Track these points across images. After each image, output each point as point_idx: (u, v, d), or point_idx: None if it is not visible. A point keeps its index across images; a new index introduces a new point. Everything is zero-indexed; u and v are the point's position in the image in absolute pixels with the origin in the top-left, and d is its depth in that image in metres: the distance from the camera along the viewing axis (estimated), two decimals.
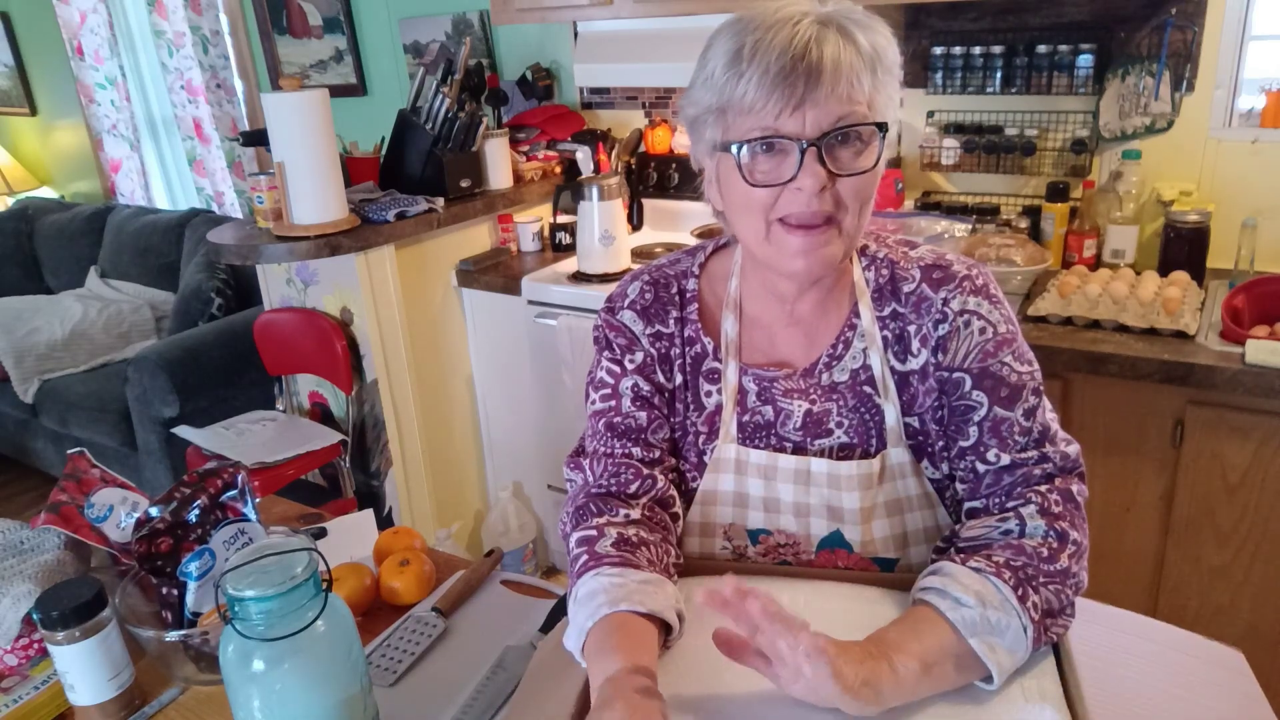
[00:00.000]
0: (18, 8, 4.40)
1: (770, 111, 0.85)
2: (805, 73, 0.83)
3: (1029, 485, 0.89)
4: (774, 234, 0.90)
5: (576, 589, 0.87)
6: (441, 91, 2.45)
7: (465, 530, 2.79)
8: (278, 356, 2.61)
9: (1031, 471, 0.89)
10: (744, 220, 0.92)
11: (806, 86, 0.83)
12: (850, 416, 0.96)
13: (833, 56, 0.83)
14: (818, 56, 0.83)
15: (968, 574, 0.82)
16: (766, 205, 0.89)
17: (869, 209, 0.91)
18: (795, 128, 0.85)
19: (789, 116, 0.85)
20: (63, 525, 1.14)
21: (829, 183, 0.86)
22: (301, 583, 0.77)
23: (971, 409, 0.92)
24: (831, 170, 0.86)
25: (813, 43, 0.83)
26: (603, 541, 0.89)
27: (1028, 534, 0.85)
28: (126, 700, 0.99)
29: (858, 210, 0.89)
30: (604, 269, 2.36)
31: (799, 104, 0.84)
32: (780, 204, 0.88)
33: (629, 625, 0.81)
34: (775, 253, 0.91)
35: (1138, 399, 1.70)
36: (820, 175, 0.85)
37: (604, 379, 1.02)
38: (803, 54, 0.83)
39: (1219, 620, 1.74)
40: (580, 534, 0.92)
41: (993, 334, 0.92)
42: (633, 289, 1.03)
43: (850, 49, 0.84)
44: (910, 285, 0.95)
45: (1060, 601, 0.83)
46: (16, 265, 4.11)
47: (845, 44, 0.84)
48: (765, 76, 0.83)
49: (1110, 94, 2.06)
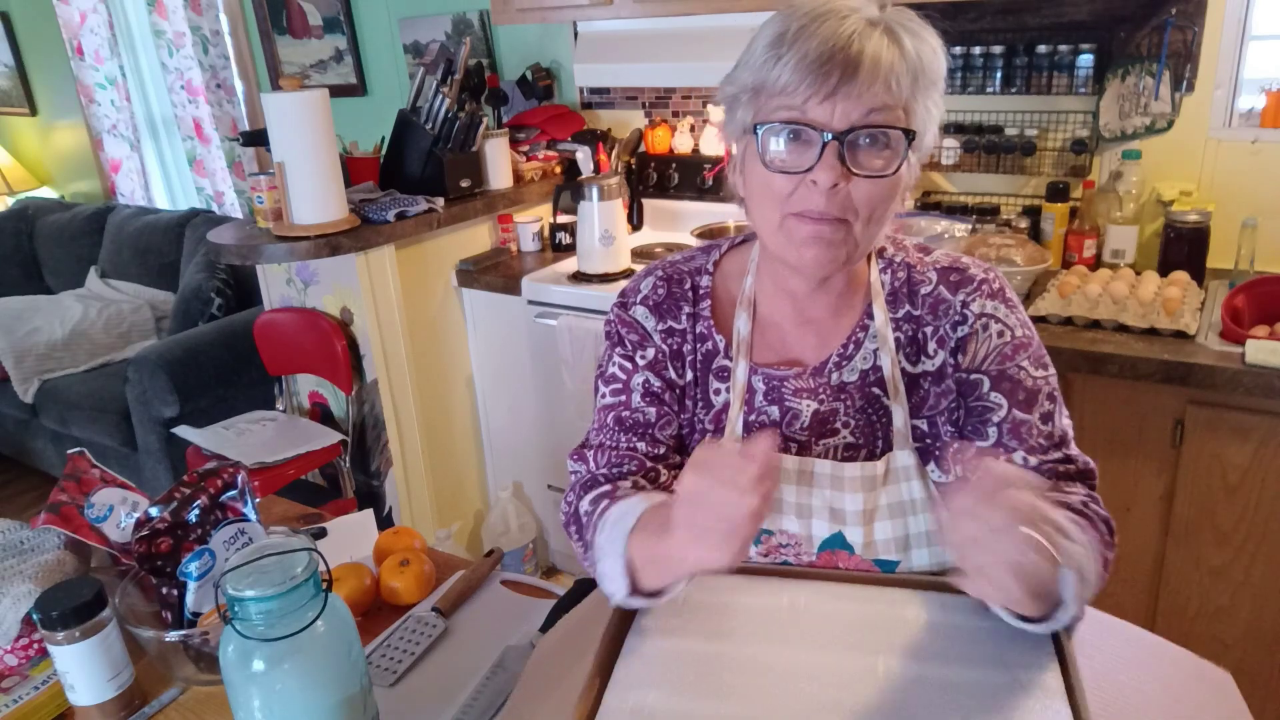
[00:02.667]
0: (18, 8, 4.40)
1: (801, 94, 0.84)
2: (842, 64, 0.82)
3: (1057, 479, 0.89)
4: (787, 223, 0.90)
5: (602, 522, 0.86)
6: (441, 91, 2.45)
7: (465, 530, 2.79)
8: (278, 356, 2.61)
9: (1057, 469, 0.90)
10: (760, 208, 0.92)
11: (841, 77, 0.83)
12: (857, 417, 0.96)
13: (874, 53, 0.83)
14: (858, 50, 0.83)
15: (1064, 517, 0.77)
16: (782, 196, 0.88)
17: (881, 221, 0.90)
18: (823, 117, 0.84)
19: (818, 104, 0.84)
20: (63, 525, 1.14)
21: (844, 180, 0.86)
22: (301, 583, 0.77)
23: (989, 410, 0.92)
24: (849, 168, 0.86)
25: (856, 36, 0.83)
26: (620, 493, 0.90)
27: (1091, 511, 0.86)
28: (126, 700, 0.99)
29: (867, 218, 0.88)
30: (604, 269, 2.36)
31: (830, 93, 0.83)
32: (795, 198, 0.88)
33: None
34: (785, 242, 0.91)
35: (1138, 399, 1.70)
36: (837, 170, 0.85)
37: (615, 374, 1.02)
38: (845, 45, 0.82)
39: (1219, 620, 1.74)
40: (593, 494, 0.93)
41: (1010, 337, 0.93)
42: (646, 284, 1.03)
43: (894, 50, 0.84)
44: (928, 287, 0.96)
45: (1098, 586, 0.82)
46: (16, 265, 4.11)
47: (890, 44, 0.84)
48: (803, 61, 0.83)
49: (1110, 94, 2.06)
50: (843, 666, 0.80)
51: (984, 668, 0.79)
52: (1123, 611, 0.95)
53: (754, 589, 0.90)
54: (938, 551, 0.94)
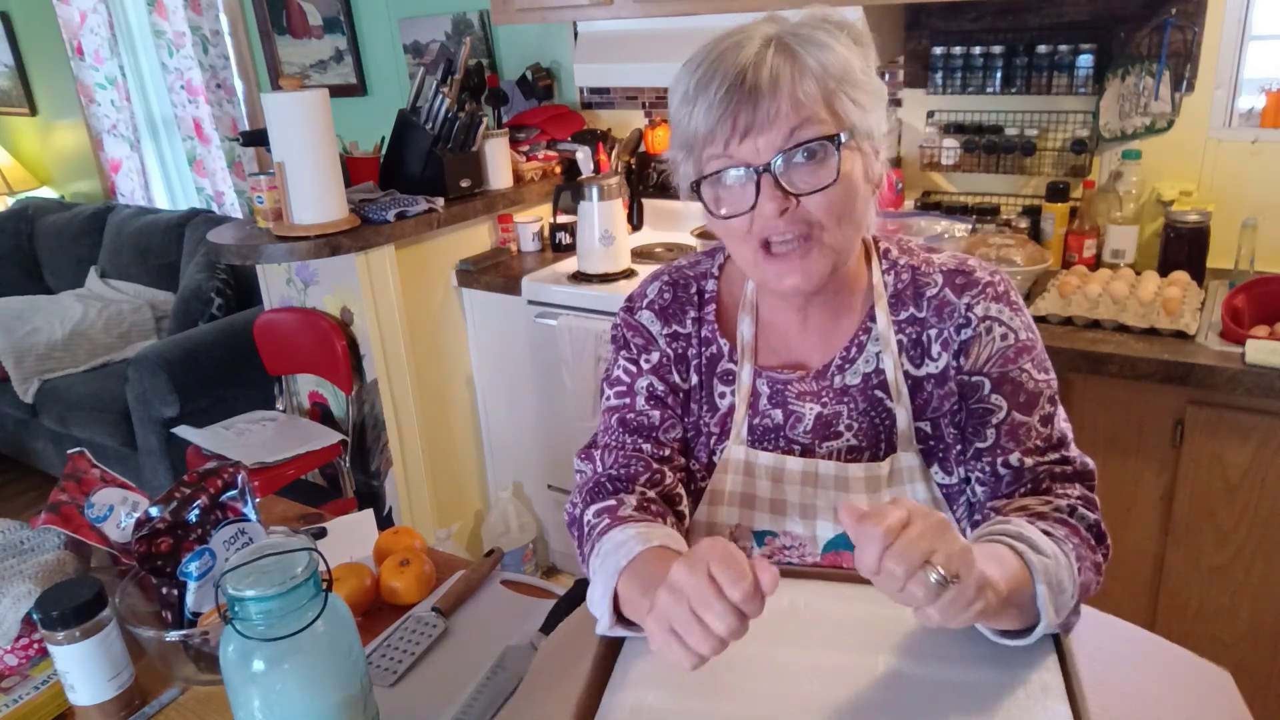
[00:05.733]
0: (18, 8, 4.40)
1: (720, 141, 0.85)
2: (743, 98, 0.83)
3: (1054, 481, 0.89)
4: (759, 261, 0.91)
5: (601, 544, 0.86)
6: (441, 91, 2.45)
7: (465, 530, 2.79)
8: (278, 356, 2.61)
9: (1054, 469, 0.90)
10: (735, 248, 0.94)
11: (747, 111, 0.83)
12: (860, 420, 0.96)
13: (771, 77, 0.83)
14: (754, 80, 0.83)
15: (1042, 537, 0.79)
16: (744, 232, 0.89)
17: (854, 218, 0.90)
18: (749, 154, 0.85)
19: (739, 144, 0.85)
20: (63, 525, 1.14)
21: (791, 204, 0.86)
22: (301, 583, 0.77)
23: (990, 412, 0.92)
24: (789, 191, 0.85)
25: (750, 67, 0.83)
26: (623, 508, 0.90)
27: (1077, 516, 0.86)
28: (126, 700, 0.99)
29: (836, 224, 0.88)
30: (604, 269, 2.36)
31: (746, 129, 0.84)
32: (755, 230, 0.89)
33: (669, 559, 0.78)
34: (764, 277, 0.92)
35: (1138, 399, 1.70)
36: (779, 199, 0.85)
37: (620, 377, 1.03)
38: (740, 80, 0.83)
39: (1219, 620, 1.74)
40: (598, 506, 0.92)
41: (1014, 340, 0.93)
42: (652, 289, 1.04)
43: (791, 65, 0.84)
44: (933, 290, 0.96)
45: (1087, 593, 0.82)
46: (16, 265, 4.11)
47: (785, 61, 0.84)
48: (711, 109, 0.84)
49: (1110, 94, 2.06)
50: (843, 666, 0.80)
51: (984, 668, 0.79)
52: (1122, 612, 0.95)
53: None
54: None
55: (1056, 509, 0.86)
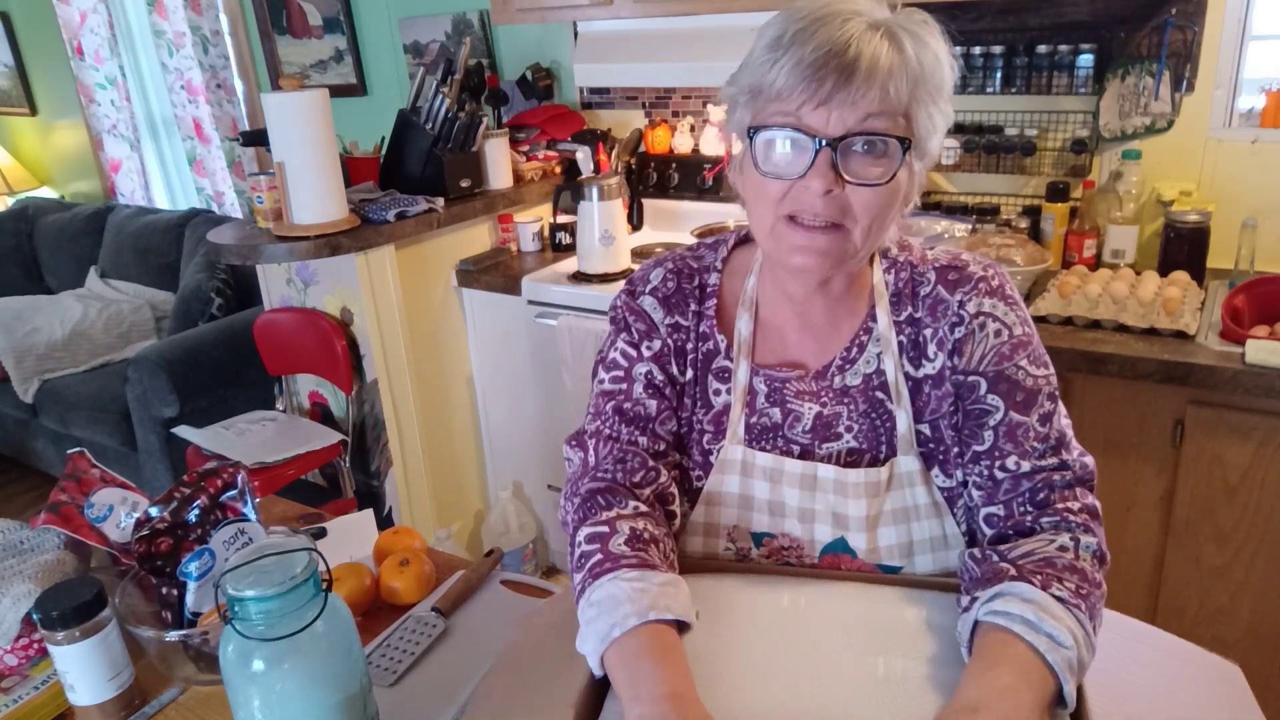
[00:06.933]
0: (18, 8, 4.40)
1: (795, 99, 0.84)
2: (838, 68, 0.81)
3: (1052, 491, 0.87)
4: (778, 228, 0.89)
5: (591, 592, 0.84)
6: (441, 91, 2.45)
7: (465, 530, 2.79)
8: (278, 356, 2.61)
9: (1052, 477, 0.88)
10: (756, 209, 0.92)
11: (836, 83, 0.82)
12: (861, 421, 0.96)
13: (871, 57, 0.82)
14: (855, 55, 0.81)
15: (1057, 606, 0.78)
16: (776, 198, 0.88)
17: (882, 227, 0.89)
18: (818, 123, 0.84)
19: (813, 110, 0.84)
20: (63, 525, 1.14)
21: (838, 187, 0.85)
22: (301, 583, 0.77)
23: (987, 413, 0.91)
24: (843, 175, 0.85)
25: (854, 40, 0.82)
26: (616, 539, 0.88)
27: (1081, 550, 0.83)
28: (126, 700, 0.99)
29: (868, 224, 0.87)
30: (604, 269, 2.36)
31: (825, 99, 0.83)
32: (788, 200, 0.87)
33: (661, 638, 0.79)
34: (777, 246, 0.91)
35: (1138, 399, 1.70)
36: (829, 177, 0.84)
37: (617, 360, 1.01)
38: (841, 50, 0.81)
39: (1219, 620, 1.74)
40: (590, 530, 0.90)
41: (1008, 336, 0.92)
42: (656, 275, 1.02)
43: (894, 54, 0.83)
44: (927, 288, 0.95)
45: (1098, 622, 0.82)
46: (16, 265, 4.11)
47: (890, 48, 0.83)
48: (798, 66, 0.82)
49: (1110, 94, 2.06)
50: (843, 666, 0.80)
51: None
52: (1122, 612, 0.95)
53: (755, 588, 0.90)
54: (941, 557, 0.94)
55: (1061, 548, 0.83)
